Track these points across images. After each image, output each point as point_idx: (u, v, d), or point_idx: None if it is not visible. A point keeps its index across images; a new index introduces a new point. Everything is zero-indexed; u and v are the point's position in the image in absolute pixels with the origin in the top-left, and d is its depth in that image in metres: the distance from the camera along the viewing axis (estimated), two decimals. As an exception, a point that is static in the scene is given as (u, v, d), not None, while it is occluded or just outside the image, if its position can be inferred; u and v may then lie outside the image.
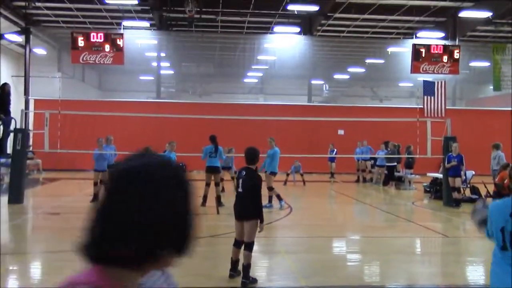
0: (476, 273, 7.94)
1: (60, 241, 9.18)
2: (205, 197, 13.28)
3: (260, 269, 7.22)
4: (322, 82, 37.33)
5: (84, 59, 17.43)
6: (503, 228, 3.37)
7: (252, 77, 37.12)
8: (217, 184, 13.52)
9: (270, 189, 13.19)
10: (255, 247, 7.22)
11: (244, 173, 6.60)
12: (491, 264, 3.43)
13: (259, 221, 6.41)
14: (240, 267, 6.57)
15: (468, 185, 15.72)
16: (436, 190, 16.54)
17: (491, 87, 23.81)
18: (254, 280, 6.50)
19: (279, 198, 13.29)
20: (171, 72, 34.90)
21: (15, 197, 13.28)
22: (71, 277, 1.22)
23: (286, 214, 12.59)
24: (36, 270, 7.57)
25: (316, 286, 6.49)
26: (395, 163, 20.21)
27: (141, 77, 34.71)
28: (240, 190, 6.59)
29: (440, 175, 16.38)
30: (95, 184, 13.77)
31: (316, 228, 11.09)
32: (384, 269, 7.95)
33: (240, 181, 6.57)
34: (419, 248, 9.84)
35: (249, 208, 6.45)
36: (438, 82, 19.72)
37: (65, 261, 7.68)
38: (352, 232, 11.54)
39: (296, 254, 8.35)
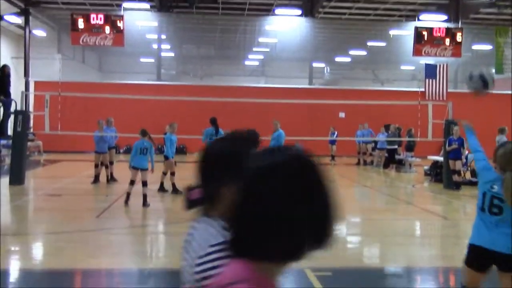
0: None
1: (61, 222, 9.22)
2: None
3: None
4: (323, 64, 37.16)
5: (84, 40, 17.34)
6: (485, 193, 4.02)
7: (253, 60, 36.91)
8: None
9: None
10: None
11: None
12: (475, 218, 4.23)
13: None
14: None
15: (469, 168, 15.72)
16: (437, 173, 16.56)
17: (493, 70, 23.67)
18: None
19: None
20: (172, 54, 34.72)
21: (16, 179, 13.33)
22: (221, 274, 1.25)
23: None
24: (37, 251, 7.61)
25: (316, 267, 6.52)
26: (396, 146, 20.19)
27: (142, 59, 34.53)
28: None
29: (440, 158, 16.37)
30: (96, 166, 13.82)
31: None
32: (384, 251, 7.99)
33: None
34: (419, 230, 9.88)
35: None
36: (440, 65, 19.61)
37: (66, 242, 7.74)
38: (352, 214, 11.56)
39: (296, 236, 8.37)
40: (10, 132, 14.22)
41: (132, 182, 10.69)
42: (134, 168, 10.76)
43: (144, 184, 10.70)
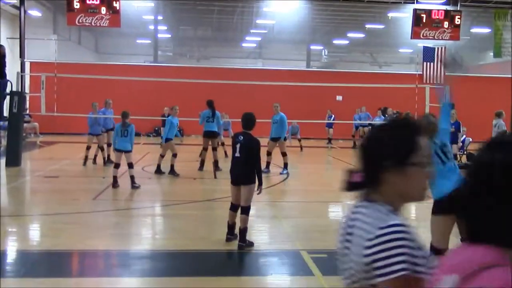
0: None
1: (58, 204, 9.25)
2: (202, 162, 13.46)
3: (256, 233, 7.29)
4: (321, 47, 36.99)
5: (80, 21, 17.15)
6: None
7: (250, 42, 36.69)
8: (214, 149, 13.53)
9: (284, 154, 13.44)
10: (251, 211, 7.28)
11: (242, 137, 6.56)
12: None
13: (257, 184, 6.46)
14: (237, 231, 6.64)
15: (465, 152, 15.78)
16: (433, 157, 16.63)
17: (492, 54, 23.60)
18: (251, 244, 6.58)
19: (285, 166, 13.44)
20: (169, 35, 34.48)
21: (13, 160, 13.32)
22: (471, 259, 1.27)
23: (283, 179, 12.66)
24: (34, 232, 7.64)
25: (312, 249, 6.57)
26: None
27: (138, 41, 34.29)
28: (237, 155, 6.55)
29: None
30: (88, 148, 13.77)
31: (312, 193, 11.17)
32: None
33: (238, 145, 6.53)
34: (413, 212, 9.94)
35: (247, 173, 6.47)
36: (438, 48, 19.52)
37: (63, 223, 7.77)
38: (348, 197, 11.61)
39: (292, 219, 8.43)
40: (6, 113, 14.16)
41: (116, 165, 10.62)
42: (117, 151, 10.70)
43: (130, 166, 10.64)
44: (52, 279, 5.33)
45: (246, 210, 6.50)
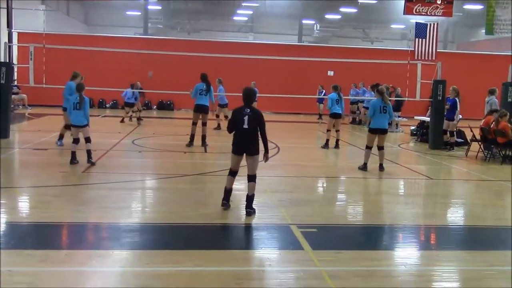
0: (457, 214, 8.14)
1: (47, 176, 9.20)
2: (192, 136, 13.28)
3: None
4: (313, 22, 36.68)
5: (69, -9, 16.81)
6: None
7: (242, 15, 36.29)
8: (204, 124, 13.39)
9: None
10: (240, 186, 7.31)
11: (249, 110, 6.91)
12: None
13: (264, 153, 6.96)
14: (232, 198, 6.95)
15: (455, 129, 15.84)
16: (423, 133, 16.70)
17: (483, 31, 23.53)
18: (254, 211, 6.98)
19: None
20: (159, 7, 33.97)
21: (1, 132, 13.20)
22: None
23: (273, 154, 12.67)
24: (23, 204, 7.60)
25: (301, 224, 6.61)
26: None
27: (128, 12, 33.77)
28: (245, 126, 6.86)
29: (427, 118, 16.47)
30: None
31: (302, 168, 11.19)
32: (368, 209, 8.11)
33: (246, 118, 6.86)
34: (403, 189, 10.02)
35: (254, 144, 6.90)
36: (430, 25, 19.40)
37: (52, 196, 7.74)
38: (338, 172, 11.68)
39: (282, 193, 8.46)
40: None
41: (75, 141, 10.28)
42: (73, 126, 10.39)
43: (87, 140, 10.29)
44: (41, 251, 5.32)
45: (253, 178, 6.97)
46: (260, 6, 32.77)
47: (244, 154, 7.00)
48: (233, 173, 7.11)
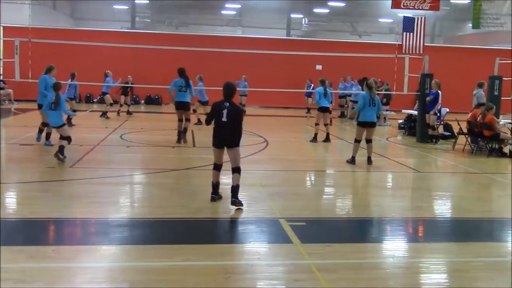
0: (444, 206, 8.21)
1: (34, 172, 9.12)
2: (179, 133, 13.06)
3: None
4: (301, 16, 36.63)
5: (54, -16, 16.63)
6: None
7: (230, 9, 36.14)
8: (187, 120, 13.07)
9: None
10: (228, 180, 7.30)
11: (228, 104, 7.04)
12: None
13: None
14: (221, 191, 7.11)
15: (442, 122, 15.97)
16: (410, 127, 16.81)
17: (470, 25, 23.69)
18: (241, 203, 6.99)
19: None
20: (146, 1, 33.72)
21: (-13, 127, 13.05)
22: None
23: (261, 149, 12.67)
24: (10, 200, 7.53)
25: (290, 217, 6.63)
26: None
27: (115, 6, 33.48)
28: (224, 119, 6.96)
29: (414, 112, 16.57)
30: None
31: (291, 162, 11.22)
32: (357, 202, 8.15)
33: (225, 111, 6.97)
34: (390, 182, 10.08)
35: (234, 136, 7.01)
36: (417, 18, 19.47)
37: (40, 191, 7.68)
38: (326, 166, 11.72)
39: (270, 187, 8.47)
40: (-22, 79, 13.78)
41: (48, 135, 11.03)
42: (52, 126, 10.54)
43: (62, 138, 10.05)
44: (29, 247, 5.29)
45: (237, 170, 7.04)
46: (248, 0, 32.67)
47: (225, 148, 7.10)
48: (217, 166, 7.21)
